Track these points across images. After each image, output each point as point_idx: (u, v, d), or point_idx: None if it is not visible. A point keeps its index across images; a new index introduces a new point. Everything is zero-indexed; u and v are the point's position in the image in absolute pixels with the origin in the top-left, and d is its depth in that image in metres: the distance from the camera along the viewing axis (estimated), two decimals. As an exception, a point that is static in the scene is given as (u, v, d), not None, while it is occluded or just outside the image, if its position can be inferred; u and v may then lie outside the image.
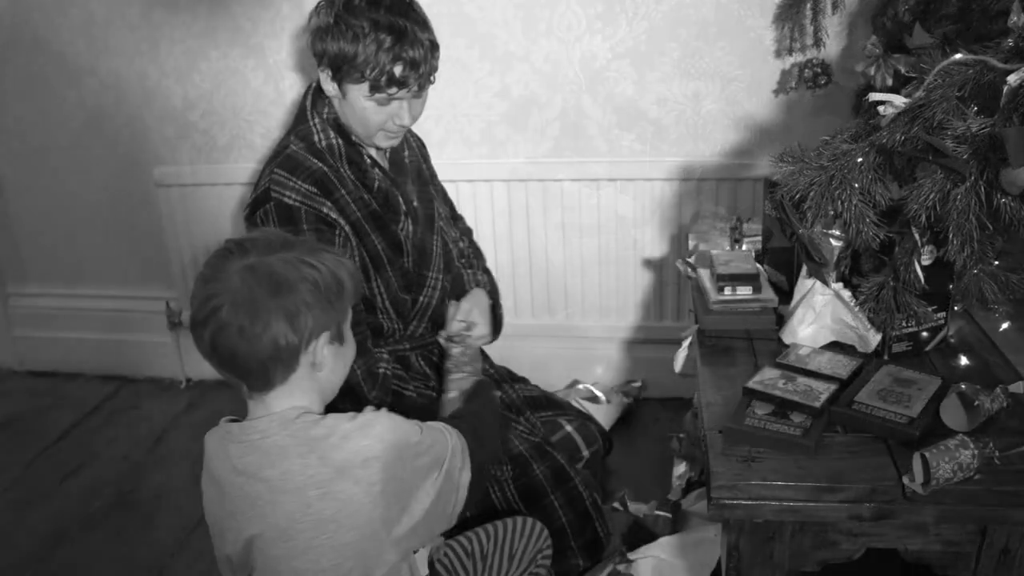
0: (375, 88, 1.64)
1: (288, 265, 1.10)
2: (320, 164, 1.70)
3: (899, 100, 1.21)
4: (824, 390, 1.39)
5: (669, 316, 2.44)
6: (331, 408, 1.22)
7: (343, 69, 1.64)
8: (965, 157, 1.06)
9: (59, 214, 2.71)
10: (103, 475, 2.33)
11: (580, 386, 2.47)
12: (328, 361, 1.17)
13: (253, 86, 2.40)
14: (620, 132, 2.30)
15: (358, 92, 1.66)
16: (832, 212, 1.26)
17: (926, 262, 1.43)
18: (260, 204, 1.67)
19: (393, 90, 1.64)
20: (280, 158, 1.71)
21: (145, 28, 2.40)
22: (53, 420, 2.60)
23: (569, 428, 2.09)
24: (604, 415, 2.34)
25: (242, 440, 1.14)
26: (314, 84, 1.76)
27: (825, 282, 1.44)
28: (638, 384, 2.50)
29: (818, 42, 2.01)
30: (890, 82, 1.82)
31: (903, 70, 1.81)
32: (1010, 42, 1.26)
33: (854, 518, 1.26)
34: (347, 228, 1.70)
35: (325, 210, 1.67)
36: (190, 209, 2.53)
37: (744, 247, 1.96)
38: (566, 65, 2.25)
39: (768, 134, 2.22)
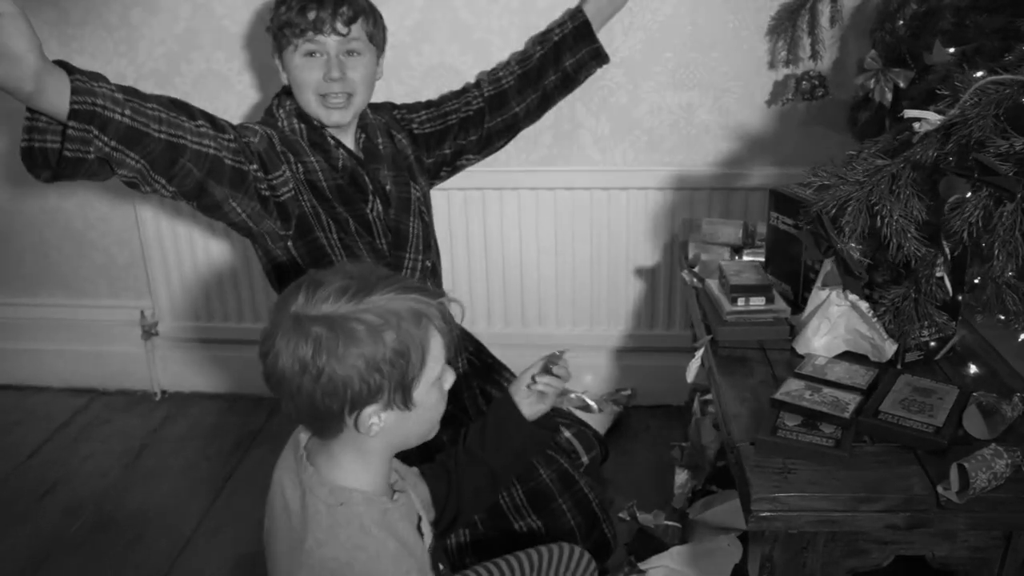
0: (299, 34, 1.73)
1: (326, 335, 1.05)
2: (294, 137, 1.81)
3: (934, 117, 1.24)
4: (850, 400, 1.41)
5: (660, 324, 2.45)
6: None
7: (278, 39, 1.78)
8: (1011, 175, 1.09)
9: (27, 220, 2.60)
10: (80, 494, 2.23)
11: (572, 395, 2.45)
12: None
13: (238, 90, 2.34)
14: (614, 141, 2.30)
15: (290, 54, 1.77)
16: (862, 228, 1.28)
17: (939, 274, 1.47)
18: None
19: (310, 34, 1.74)
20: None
21: (123, 29, 2.31)
22: (21, 436, 2.49)
23: (568, 434, 2.09)
24: (597, 423, 2.33)
25: None
26: (279, 91, 1.88)
27: (862, 297, 1.46)
28: (628, 392, 2.50)
29: (815, 55, 2.04)
30: (889, 96, 1.86)
31: (902, 84, 1.86)
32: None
33: (890, 527, 1.28)
34: (303, 184, 1.77)
35: (278, 148, 1.74)
36: (170, 216, 2.45)
37: (745, 257, 1.98)
38: (560, 73, 2.24)
39: (760, 144, 2.25)
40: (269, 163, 1.69)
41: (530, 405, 1.45)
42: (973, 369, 1.58)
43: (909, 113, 1.26)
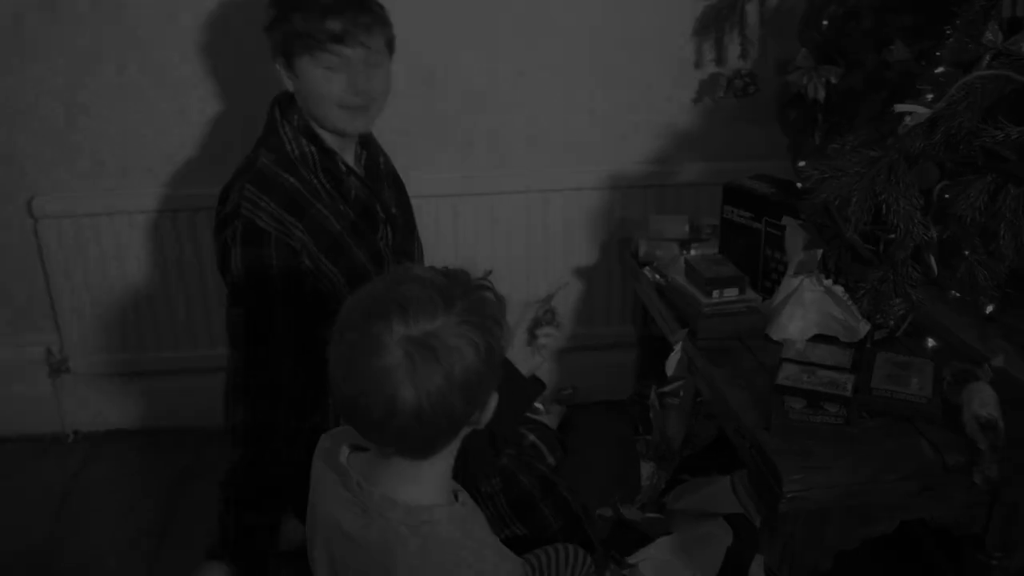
0: (318, 47, 1.59)
1: (459, 338, 0.98)
2: (293, 179, 1.64)
3: (923, 110, 1.33)
4: (846, 380, 1.49)
5: (599, 322, 2.50)
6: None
7: (289, 47, 1.62)
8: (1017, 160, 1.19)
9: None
10: (5, 552, 2.01)
11: (518, 398, 2.46)
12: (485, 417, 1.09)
13: (151, 102, 2.19)
14: (547, 143, 2.32)
15: (308, 65, 1.62)
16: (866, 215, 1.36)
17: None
18: (230, 221, 1.58)
19: (335, 47, 1.60)
20: (251, 173, 1.62)
21: (16, 40, 2.11)
22: (-81, 496, 2.23)
23: (532, 437, 2.09)
24: (548, 424, 2.35)
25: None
26: (280, 96, 1.71)
27: (861, 282, 1.54)
28: (569, 391, 2.53)
29: (745, 53, 2.14)
30: (823, 93, 1.98)
31: (833, 80, 1.98)
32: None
33: (905, 495, 1.37)
34: (314, 250, 1.63)
35: (297, 234, 1.60)
36: (77, 242, 2.26)
37: (693, 252, 2.05)
38: (491, 78, 2.24)
39: (689, 141, 2.34)
40: (303, 253, 1.61)
41: (526, 361, 1.40)
42: (931, 342, 1.71)
43: (900, 107, 1.35)
